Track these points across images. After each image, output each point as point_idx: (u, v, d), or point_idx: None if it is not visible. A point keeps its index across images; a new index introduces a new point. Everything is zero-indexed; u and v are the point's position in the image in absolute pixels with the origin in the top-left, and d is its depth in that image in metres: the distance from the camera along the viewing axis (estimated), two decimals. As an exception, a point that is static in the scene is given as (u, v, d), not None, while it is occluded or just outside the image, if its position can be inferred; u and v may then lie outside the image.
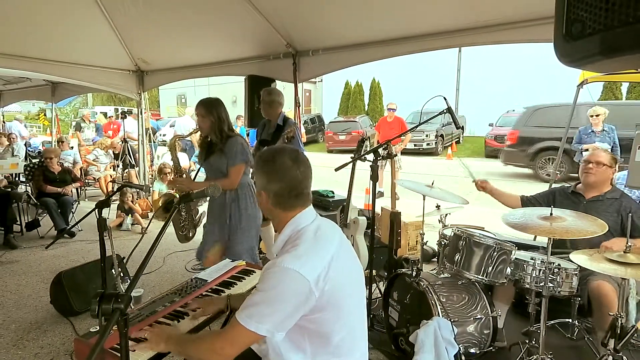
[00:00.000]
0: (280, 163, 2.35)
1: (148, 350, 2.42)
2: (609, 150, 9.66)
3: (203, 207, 6.03)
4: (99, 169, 12.84)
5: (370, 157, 4.88)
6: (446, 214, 5.06)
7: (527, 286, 4.04)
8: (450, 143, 27.04)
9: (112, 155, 13.56)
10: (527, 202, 4.98)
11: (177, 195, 5.27)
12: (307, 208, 2.44)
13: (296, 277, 2.07)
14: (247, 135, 15.34)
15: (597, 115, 10.10)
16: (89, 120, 17.17)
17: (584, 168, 4.77)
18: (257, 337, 2.11)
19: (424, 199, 5.01)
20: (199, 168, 5.33)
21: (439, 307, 4.00)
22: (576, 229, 3.64)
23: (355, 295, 2.37)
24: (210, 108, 4.75)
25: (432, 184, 5.01)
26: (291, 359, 2.26)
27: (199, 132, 5.15)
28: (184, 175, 5.23)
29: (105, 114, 23.71)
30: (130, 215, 9.61)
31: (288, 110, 10.39)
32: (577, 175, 5.09)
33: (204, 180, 5.18)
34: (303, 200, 2.42)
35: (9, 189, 9.14)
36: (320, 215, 2.51)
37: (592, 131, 10.10)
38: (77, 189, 11.10)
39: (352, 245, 5.67)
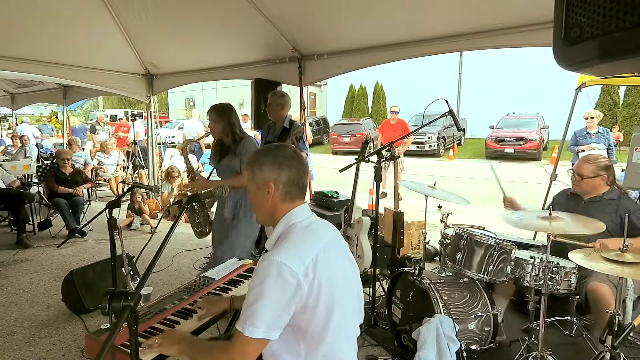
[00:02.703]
0: (286, 153, 2.38)
1: (157, 353, 2.40)
2: (605, 150, 9.71)
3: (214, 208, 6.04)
4: (105, 170, 12.86)
5: (374, 158, 4.88)
6: (448, 214, 5.06)
7: (527, 284, 4.05)
8: (452, 145, 27.10)
9: (119, 155, 13.60)
10: None
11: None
12: (303, 204, 2.43)
13: (283, 269, 2.05)
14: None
15: (591, 118, 10.13)
16: (103, 123, 17.22)
17: (571, 177, 4.79)
18: (258, 343, 2.08)
19: (426, 199, 5.01)
20: (212, 170, 5.34)
21: (440, 304, 4.00)
22: (574, 228, 3.64)
23: (347, 294, 2.34)
24: (221, 113, 4.83)
25: (434, 184, 5.00)
26: None
27: (210, 136, 5.18)
28: (198, 177, 5.24)
29: (113, 116, 23.82)
30: (139, 215, 9.63)
31: (294, 113, 10.41)
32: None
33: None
34: (304, 192, 2.44)
35: (22, 190, 9.14)
36: (325, 216, 2.51)
37: (588, 133, 10.12)
38: (88, 190, 11.10)
39: (357, 244, 5.72)
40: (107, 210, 3.95)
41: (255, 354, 2.15)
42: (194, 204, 5.29)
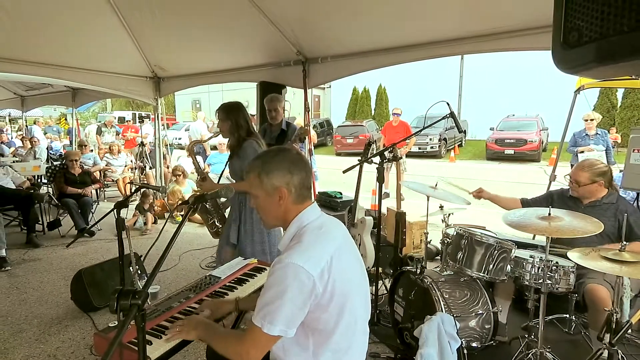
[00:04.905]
0: (292, 156, 2.36)
1: (179, 338, 2.47)
2: (603, 152, 9.71)
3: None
4: (114, 171, 12.92)
5: (377, 159, 4.88)
6: (449, 214, 5.05)
7: (527, 283, 4.06)
8: (453, 146, 27.12)
9: (127, 156, 13.65)
10: (527, 204, 4.96)
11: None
12: (313, 204, 2.42)
13: (300, 272, 2.06)
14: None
15: (591, 120, 10.13)
16: (111, 125, 17.25)
17: (568, 184, 4.81)
18: (273, 339, 2.12)
19: (427, 200, 5.00)
20: (222, 170, 5.34)
21: (442, 303, 4.01)
22: (573, 228, 3.63)
23: (357, 293, 2.34)
24: (228, 113, 4.78)
25: (436, 185, 5.00)
26: (294, 355, 2.27)
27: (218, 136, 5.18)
28: (207, 178, 5.24)
29: (122, 118, 23.83)
30: (140, 212, 9.66)
31: (298, 114, 10.42)
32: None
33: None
34: (311, 192, 2.43)
35: (32, 191, 9.17)
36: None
37: (587, 134, 10.12)
38: (96, 190, 11.14)
39: (359, 244, 5.73)
40: (115, 210, 3.96)
41: (268, 347, 2.20)
42: (206, 204, 5.33)
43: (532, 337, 4.15)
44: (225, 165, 5.20)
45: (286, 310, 2.06)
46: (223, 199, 5.65)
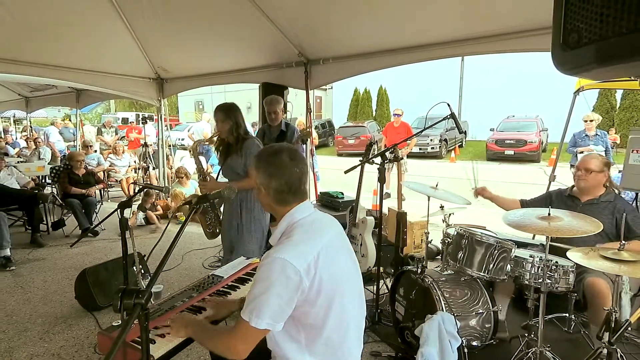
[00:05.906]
0: (280, 161, 2.36)
1: (172, 337, 2.48)
2: (603, 152, 9.70)
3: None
4: (117, 172, 12.95)
5: (378, 160, 4.88)
6: (450, 214, 5.05)
7: (527, 282, 4.05)
8: (454, 147, 27.12)
9: (130, 157, 13.68)
10: (526, 205, 4.97)
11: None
12: (305, 201, 2.45)
13: (287, 267, 2.07)
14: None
15: (591, 121, 10.13)
16: (110, 125, 17.26)
17: (575, 174, 4.82)
18: (261, 332, 2.14)
19: (428, 200, 5.00)
20: (220, 170, 5.35)
21: (442, 302, 4.01)
22: (573, 228, 3.63)
23: (348, 290, 2.36)
24: (228, 113, 4.81)
25: (437, 185, 4.99)
26: (288, 348, 2.28)
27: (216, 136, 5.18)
28: (209, 178, 5.25)
29: (125, 119, 23.78)
30: (142, 211, 9.71)
31: (300, 115, 10.41)
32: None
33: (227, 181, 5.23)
34: (300, 195, 2.43)
35: (36, 191, 9.18)
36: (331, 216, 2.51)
37: (586, 135, 10.13)
38: (100, 191, 11.15)
39: (361, 243, 5.72)
40: (118, 210, 3.97)
41: (256, 341, 2.19)
42: (205, 205, 5.33)
43: (532, 336, 4.14)
44: (220, 169, 5.23)
45: (273, 304, 2.09)
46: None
